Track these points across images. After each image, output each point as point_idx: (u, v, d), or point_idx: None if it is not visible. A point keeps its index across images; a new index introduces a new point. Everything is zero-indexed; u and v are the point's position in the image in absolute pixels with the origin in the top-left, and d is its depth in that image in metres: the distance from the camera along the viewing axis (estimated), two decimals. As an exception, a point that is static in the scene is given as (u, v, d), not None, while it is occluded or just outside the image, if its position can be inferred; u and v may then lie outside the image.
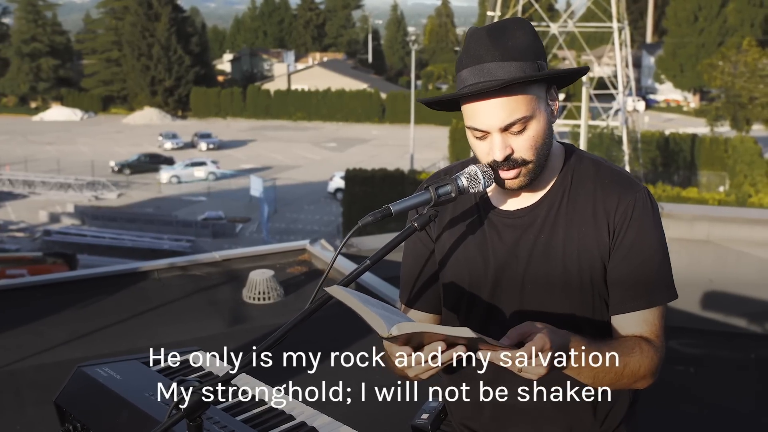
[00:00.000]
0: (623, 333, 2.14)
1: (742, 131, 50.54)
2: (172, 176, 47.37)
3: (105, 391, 2.23)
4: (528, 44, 2.04)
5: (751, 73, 51.49)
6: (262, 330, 5.60)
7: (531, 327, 1.89)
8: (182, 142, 58.74)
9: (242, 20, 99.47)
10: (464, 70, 2.06)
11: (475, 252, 2.22)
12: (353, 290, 1.90)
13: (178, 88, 73.60)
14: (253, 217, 38.11)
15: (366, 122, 70.31)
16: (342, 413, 2.26)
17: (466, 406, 2.32)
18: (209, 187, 45.39)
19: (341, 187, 39.44)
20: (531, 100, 2.03)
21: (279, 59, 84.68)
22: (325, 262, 6.83)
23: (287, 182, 44.96)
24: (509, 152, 2.06)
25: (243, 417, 2.15)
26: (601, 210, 2.14)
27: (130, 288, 6.43)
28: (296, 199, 42.60)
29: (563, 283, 2.14)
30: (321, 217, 39.68)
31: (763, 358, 6.50)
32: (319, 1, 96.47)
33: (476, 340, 1.77)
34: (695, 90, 71.72)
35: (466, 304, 2.24)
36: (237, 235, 36.34)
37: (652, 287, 2.13)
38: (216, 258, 6.83)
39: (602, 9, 47.58)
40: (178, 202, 42.33)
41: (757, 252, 7.11)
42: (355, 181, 35.92)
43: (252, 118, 72.22)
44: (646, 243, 2.13)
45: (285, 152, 56.44)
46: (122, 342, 5.45)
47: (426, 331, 1.79)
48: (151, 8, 72.52)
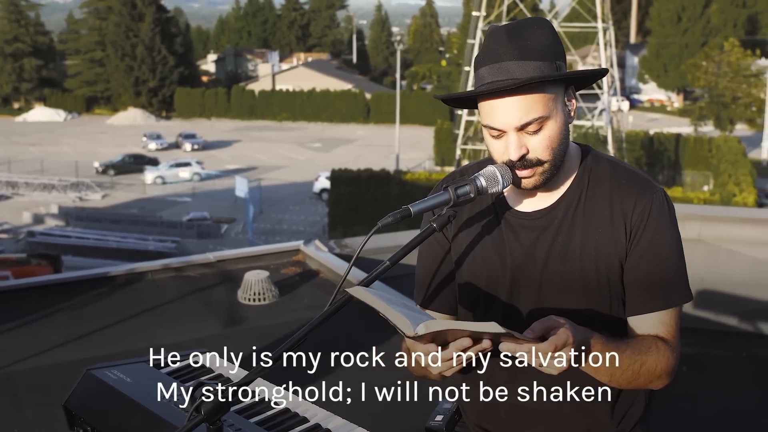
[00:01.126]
0: (640, 333, 2.14)
1: (725, 131, 50.82)
2: (156, 177, 47.21)
3: (116, 394, 2.20)
4: (547, 44, 2.04)
5: (734, 73, 51.80)
6: (258, 331, 5.59)
7: (554, 321, 1.89)
8: (167, 143, 58.56)
9: (226, 20, 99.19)
10: (483, 68, 2.05)
11: (493, 252, 2.22)
12: (374, 290, 1.89)
13: (163, 89, 73.33)
14: (238, 218, 38.04)
15: (351, 122, 70.23)
16: (352, 414, 2.25)
17: (481, 407, 2.31)
18: (194, 187, 45.28)
19: (326, 188, 39.45)
20: (548, 100, 2.03)
21: (263, 59, 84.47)
22: (319, 263, 6.81)
23: (272, 183, 44.89)
24: (525, 152, 2.06)
25: (257, 419, 2.13)
26: (618, 211, 2.14)
27: (123, 289, 6.39)
28: (281, 199, 42.54)
29: (581, 283, 2.14)
30: (306, 218, 39.64)
31: (755, 356, 6.52)
32: (303, 1, 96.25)
33: (503, 334, 1.77)
34: (679, 90, 71.99)
35: (483, 304, 2.23)
36: (222, 236, 36.26)
37: (669, 288, 2.13)
38: (210, 259, 6.81)
39: (586, 9, 47.73)
40: (163, 203, 42.21)
41: (747, 251, 7.13)
42: (340, 181, 35.91)
43: (236, 119, 72.04)
44: (663, 244, 2.13)
45: (270, 153, 56.34)
46: (119, 344, 5.42)
47: (453, 328, 1.78)
48: (134, 8, 72.26)
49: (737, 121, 53.51)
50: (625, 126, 50.27)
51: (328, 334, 4.82)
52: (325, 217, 37.29)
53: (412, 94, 71.59)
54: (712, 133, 51.02)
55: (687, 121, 57.49)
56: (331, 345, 2.36)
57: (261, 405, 2.21)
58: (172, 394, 2.18)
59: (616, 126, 44.15)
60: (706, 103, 53.79)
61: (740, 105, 52.15)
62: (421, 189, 34.66)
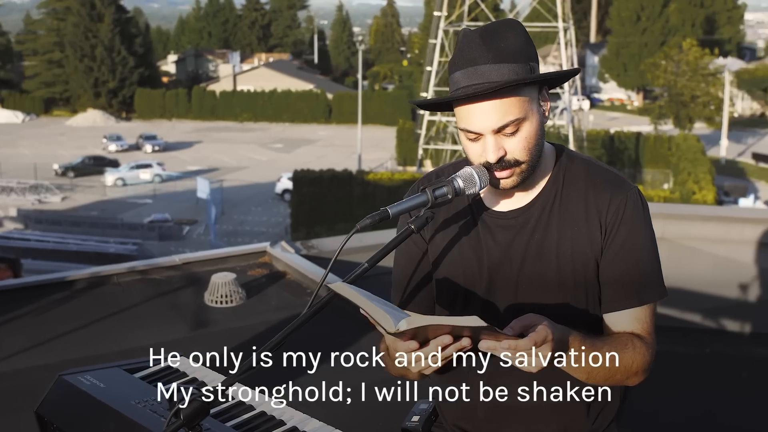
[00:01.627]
0: (615, 330, 2.17)
1: (684, 129, 51.38)
2: (117, 179, 46.87)
3: (90, 400, 2.17)
4: (520, 46, 2.06)
5: (692, 72, 52.37)
6: (226, 333, 5.55)
7: (534, 319, 1.91)
8: (127, 144, 58.11)
9: (186, 21, 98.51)
10: (457, 72, 2.07)
11: (470, 252, 2.23)
12: (357, 287, 1.89)
13: (122, 90, 72.69)
14: (200, 219, 37.85)
15: (312, 123, 70.10)
16: (329, 415, 2.25)
17: (459, 407, 2.32)
18: (155, 189, 45.00)
19: (289, 188, 39.38)
20: (524, 102, 2.05)
21: (224, 60, 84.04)
22: (285, 264, 6.78)
23: (234, 184, 44.71)
24: (502, 153, 2.07)
25: (233, 423, 2.11)
26: (593, 209, 2.16)
27: (88, 293, 6.31)
28: (243, 200, 42.41)
29: (557, 282, 2.16)
30: (269, 219, 39.55)
31: (718, 352, 6.59)
32: (264, 2, 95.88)
33: (485, 329, 1.77)
34: (639, 89, 72.66)
35: (461, 304, 2.24)
36: (184, 238, 36.08)
37: (644, 285, 2.16)
38: (176, 261, 6.75)
39: (547, 8, 48.09)
40: (124, 205, 41.90)
41: (710, 249, 7.21)
42: (303, 182, 35.87)
43: (197, 120, 71.59)
44: (638, 242, 2.16)
45: (231, 153, 56.11)
46: (86, 348, 5.35)
47: (435, 323, 1.79)
48: (93, 9, 71.52)
49: (696, 119, 54.09)
50: (586, 125, 50.72)
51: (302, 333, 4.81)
52: (288, 217, 37.23)
53: (373, 94, 71.63)
54: (672, 132, 51.61)
55: (647, 119, 58.07)
56: (304, 346, 2.35)
57: (237, 408, 2.19)
58: (150, 398, 2.17)
59: (577, 125, 44.53)
60: (666, 102, 54.34)
61: (699, 104, 52.72)
62: (383, 189, 34.73)
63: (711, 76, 53.61)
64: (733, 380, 6.21)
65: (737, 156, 53.50)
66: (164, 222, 37.45)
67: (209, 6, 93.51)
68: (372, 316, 1.82)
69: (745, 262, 7.18)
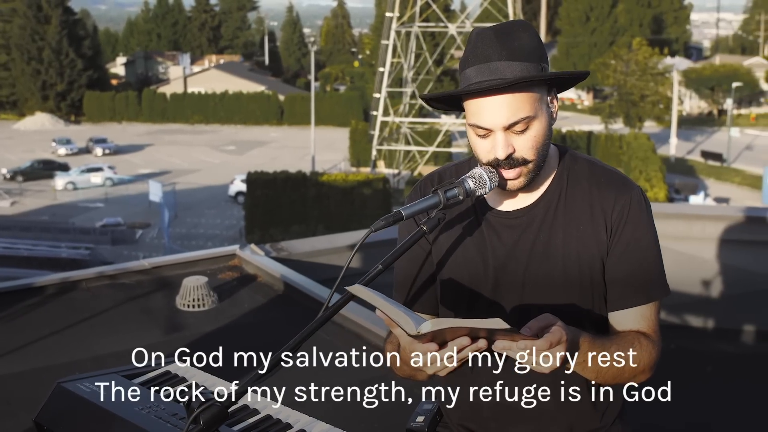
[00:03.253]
0: (621, 329, 2.19)
1: (635, 128, 51.98)
2: (67, 183, 46.28)
3: (92, 407, 2.14)
4: (534, 46, 2.08)
5: (642, 72, 53.03)
6: (202, 338, 5.51)
7: (550, 319, 1.93)
8: (77, 148, 57.35)
9: (135, 22, 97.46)
10: (470, 68, 2.08)
11: (474, 253, 2.23)
12: (374, 290, 1.89)
13: (71, 93, 71.71)
14: (153, 223, 37.53)
15: (264, 124, 69.81)
16: (335, 417, 2.24)
17: (464, 407, 2.33)
18: (106, 192, 44.50)
19: (242, 191, 39.16)
20: (534, 100, 2.07)
21: (174, 62, 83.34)
22: (256, 267, 6.76)
23: (187, 186, 44.35)
24: (511, 151, 2.08)
25: (240, 427, 2.10)
26: (598, 209, 2.18)
27: (57, 299, 6.20)
28: (197, 203, 42.12)
29: (563, 281, 2.17)
30: (222, 221, 39.32)
31: (682, 347, 6.68)
32: (213, 3, 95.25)
33: (504, 331, 1.78)
34: (589, 88, 73.35)
35: (465, 304, 2.25)
36: (137, 241, 35.76)
37: (649, 284, 2.18)
38: (145, 266, 6.68)
39: (497, 8, 48.37)
40: (75, 209, 41.40)
41: (673, 246, 7.30)
42: (257, 184, 35.68)
43: (148, 122, 70.88)
44: (642, 241, 2.18)
45: (183, 156, 55.69)
46: (58, 355, 5.26)
47: (457, 326, 1.79)
48: (40, 10, 70.44)
49: (646, 118, 54.79)
50: (537, 124, 50.91)
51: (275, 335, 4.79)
52: (242, 220, 37.03)
53: (325, 95, 71.50)
54: (622, 131, 52.16)
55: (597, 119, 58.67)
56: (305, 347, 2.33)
57: (243, 413, 2.18)
58: (154, 403, 2.15)
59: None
60: (616, 101, 54.96)
61: (648, 103, 53.39)
62: (338, 190, 34.68)
63: (660, 76, 54.30)
64: (698, 375, 6.31)
65: (686, 154, 54.26)
66: (117, 226, 37.07)
67: (158, 7, 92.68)
68: (392, 318, 1.83)
69: (708, 259, 7.29)
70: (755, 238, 7.52)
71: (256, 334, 5.63)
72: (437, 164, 47.51)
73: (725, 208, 9.89)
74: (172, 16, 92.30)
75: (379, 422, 3.50)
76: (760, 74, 69.43)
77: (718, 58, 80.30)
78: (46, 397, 2.26)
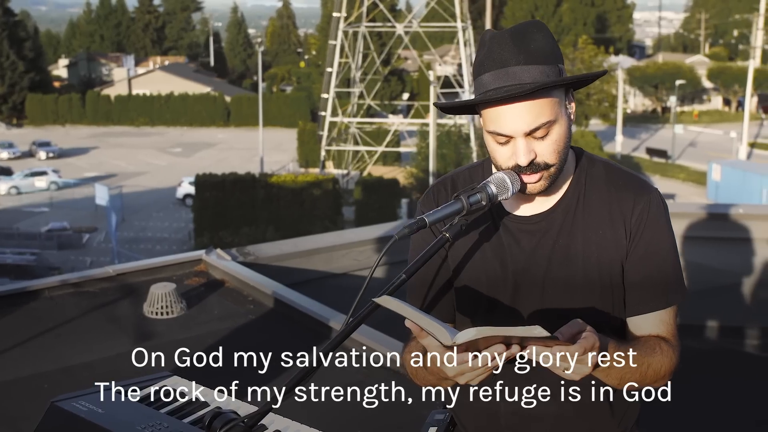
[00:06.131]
0: (640, 333, 2.15)
1: (581, 126, 52.51)
2: (10, 187, 45.54)
3: (92, 427, 2.04)
4: (550, 48, 2.02)
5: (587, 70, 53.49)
6: (172, 345, 5.34)
7: (581, 325, 1.88)
8: (19, 152, 56.45)
9: (77, 24, 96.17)
10: (486, 74, 2.01)
11: (492, 258, 2.18)
12: (402, 300, 1.83)
13: (12, 95, 70.50)
14: (100, 227, 37.09)
15: (211, 126, 69.33)
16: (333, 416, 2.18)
17: (480, 415, 2.27)
18: (51, 197, 43.83)
19: (191, 193, 38.86)
20: (554, 104, 2.01)
21: (118, 64, 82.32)
22: (223, 272, 6.63)
23: (133, 189, 43.87)
24: (533, 156, 2.03)
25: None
26: (617, 212, 2.14)
27: (19, 309, 5.98)
28: (144, 206, 41.72)
29: (584, 286, 2.13)
30: (170, 224, 38.98)
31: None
32: (157, 4, 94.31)
33: (545, 338, 1.74)
34: (534, 87, 73.87)
35: (484, 310, 2.20)
36: (84, 246, 35.32)
37: (668, 287, 2.15)
38: (110, 272, 6.50)
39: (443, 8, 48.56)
40: (19, 214, 40.73)
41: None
42: (205, 186, 35.40)
43: (93, 125, 69.97)
44: (661, 244, 2.15)
45: (129, 159, 55.09)
46: (25, 367, 5.05)
47: (495, 334, 1.74)
48: (-21, 12, 69.35)
49: (592, 116, 55.38)
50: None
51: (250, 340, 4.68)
52: (191, 222, 36.70)
53: (272, 96, 71.20)
54: (569, 129, 52.61)
55: (544, 117, 59.06)
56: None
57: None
58: (156, 422, 2.06)
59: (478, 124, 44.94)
60: (562, 100, 55.38)
61: (594, 101, 53.97)
62: (287, 191, 34.53)
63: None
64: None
65: (632, 151, 54.97)
66: (63, 230, 36.54)
67: (100, 8, 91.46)
68: (426, 328, 1.77)
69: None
70: (717, 235, 7.58)
71: (229, 341, 5.51)
72: (386, 164, 47.58)
73: (687, 205, 9.96)
74: (115, 17, 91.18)
75: (380, 422, 3.41)
76: (702, 72, 70.53)
77: (661, 56, 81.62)
78: (25, 413, 2.16)
